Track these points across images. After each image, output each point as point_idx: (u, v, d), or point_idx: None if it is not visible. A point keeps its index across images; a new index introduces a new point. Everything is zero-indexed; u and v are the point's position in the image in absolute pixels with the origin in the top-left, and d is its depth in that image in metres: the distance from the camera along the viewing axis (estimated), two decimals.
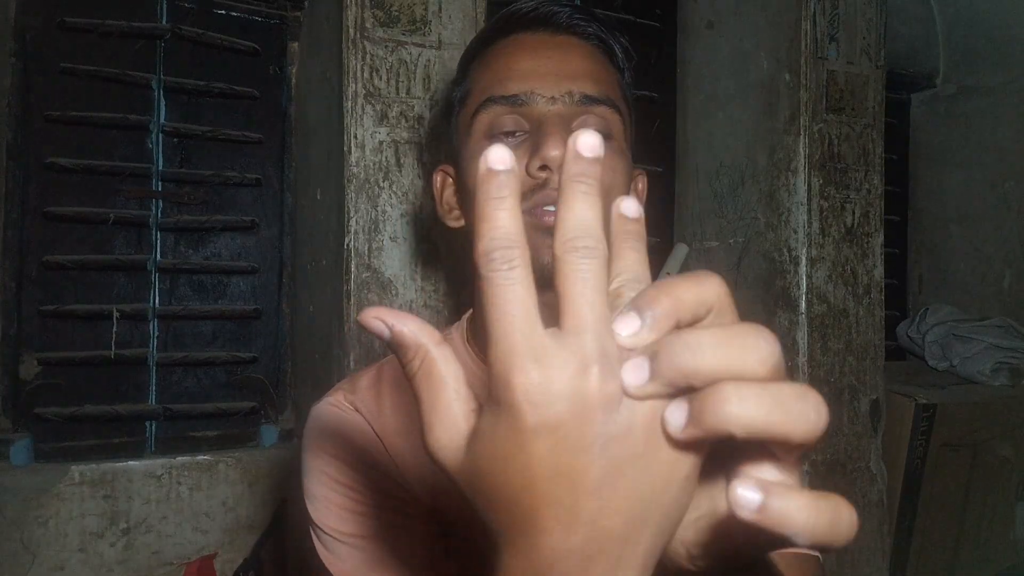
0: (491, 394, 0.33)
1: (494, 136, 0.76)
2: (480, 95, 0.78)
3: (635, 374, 0.31)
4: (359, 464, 0.76)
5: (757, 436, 0.30)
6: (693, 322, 0.32)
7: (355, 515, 0.74)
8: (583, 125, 0.75)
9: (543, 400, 0.31)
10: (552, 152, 0.70)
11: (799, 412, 0.30)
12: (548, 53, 0.77)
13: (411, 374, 0.36)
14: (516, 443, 0.32)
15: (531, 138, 0.74)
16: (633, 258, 0.34)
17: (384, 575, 0.72)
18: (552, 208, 0.71)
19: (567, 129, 0.73)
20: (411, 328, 0.36)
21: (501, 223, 0.32)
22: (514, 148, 0.74)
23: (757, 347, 0.30)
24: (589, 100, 0.76)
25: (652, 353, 0.31)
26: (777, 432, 0.30)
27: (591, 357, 0.31)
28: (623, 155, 0.78)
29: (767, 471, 0.33)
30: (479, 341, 0.82)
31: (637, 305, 0.32)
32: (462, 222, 0.85)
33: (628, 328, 0.31)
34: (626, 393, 0.31)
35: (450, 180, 0.87)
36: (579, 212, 0.33)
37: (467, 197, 0.80)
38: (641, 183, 0.88)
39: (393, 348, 0.37)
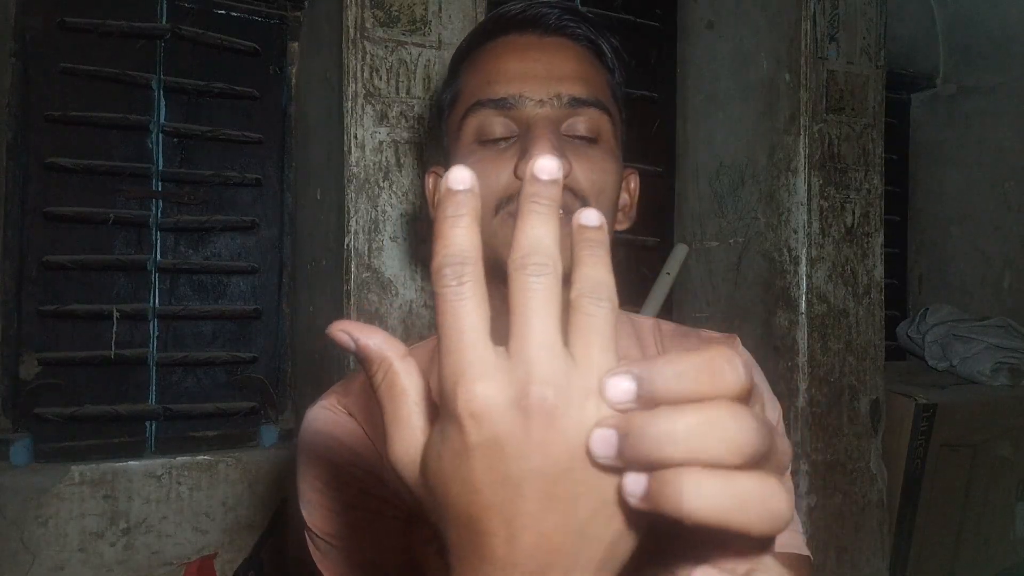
0: (440, 409, 0.33)
1: (483, 139, 0.76)
2: (469, 98, 0.78)
3: (602, 447, 0.31)
4: (350, 467, 0.76)
5: (712, 527, 0.29)
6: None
7: (345, 518, 0.74)
8: (572, 128, 0.76)
9: (485, 415, 0.31)
10: None
11: (761, 509, 0.29)
12: (536, 55, 0.77)
13: (375, 386, 0.37)
14: (460, 457, 0.32)
15: (520, 141, 0.74)
16: (592, 264, 0.34)
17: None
18: None
19: (556, 132, 0.74)
20: (376, 342, 0.36)
21: (454, 240, 0.33)
22: (503, 151, 0.75)
23: (733, 438, 0.29)
24: (577, 102, 0.76)
25: (623, 432, 0.30)
26: (734, 526, 0.29)
27: (534, 374, 0.31)
28: (613, 156, 0.78)
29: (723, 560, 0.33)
30: None
31: (640, 375, 0.31)
32: None
33: (619, 393, 0.31)
34: (590, 458, 0.31)
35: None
36: (532, 231, 0.33)
37: None
38: (633, 182, 0.88)
39: (359, 360, 0.37)
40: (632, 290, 1.91)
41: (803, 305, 1.73)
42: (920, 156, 2.53)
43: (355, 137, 1.34)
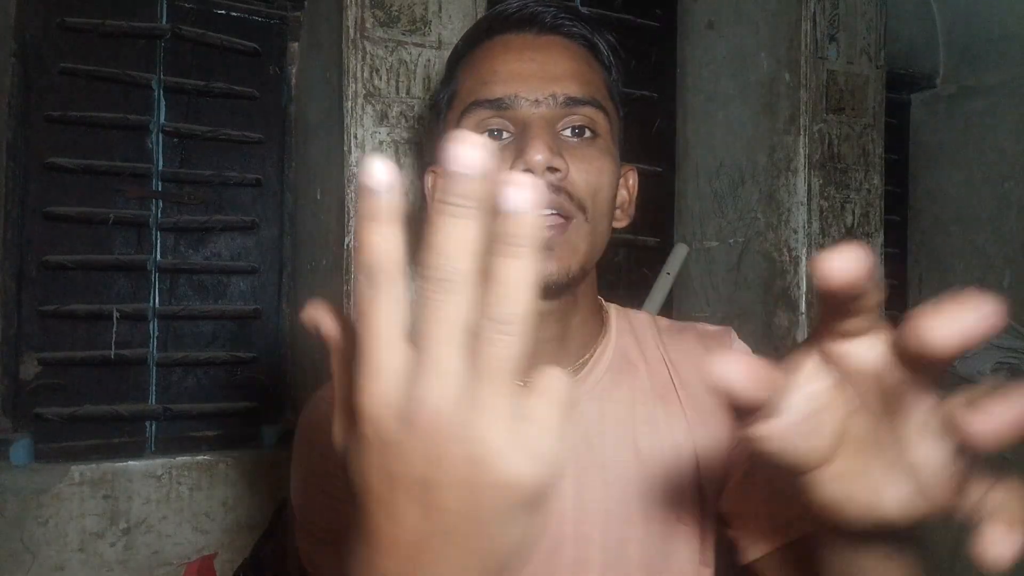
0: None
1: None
2: (465, 98, 0.79)
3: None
4: (330, 453, 0.77)
5: None
6: None
7: (331, 508, 0.75)
8: (568, 126, 0.76)
9: (376, 417, 0.33)
10: (535, 157, 0.72)
11: None
12: (532, 55, 0.78)
13: (333, 372, 0.39)
14: (360, 450, 0.35)
15: (516, 141, 0.75)
16: (509, 276, 0.31)
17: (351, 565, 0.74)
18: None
19: (551, 132, 0.74)
20: (334, 330, 0.39)
21: (371, 247, 0.33)
22: (500, 150, 0.75)
23: None
24: (573, 102, 0.76)
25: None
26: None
27: (425, 395, 0.32)
28: (610, 154, 0.78)
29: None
30: None
31: None
32: None
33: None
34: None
35: (440, 181, 0.88)
36: (442, 237, 0.32)
37: None
38: (632, 178, 0.88)
39: (325, 347, 0.40)
40: (632, 290, 1.91)
41: (803, 305, 1.73)
42: (920, 156, 2.53)
43: (355, 137, 1.34)
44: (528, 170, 0.72)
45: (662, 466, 0.79)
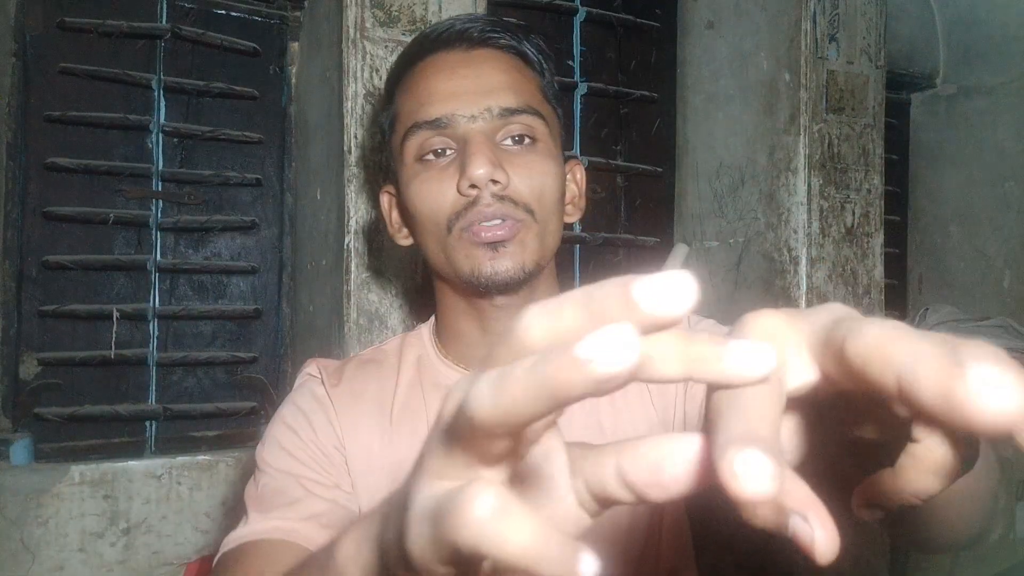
0: None
1: (424, 159, 0.81)
2: (406, 120, 0.83)
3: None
4: (307, 419, 0.86)
5: None
6: None
7: (287, 455, 0.83)
8: (507, 136, 0.81)
9: None
10: (476, 171, 0.76)
11: None
12: (464, 72, 0.81)
13: None
14: None
15: (459, 157, 0.79)
16: None
17: (282, 510, 0.79)
18: (487, 224, 0.78)
19: (489, 145, 0.78)
20: None
21: None
22: (444, 168, 0.80)
23: None
24: (508, 112, 0.80)
25: None
26: None
27: None
28: (551, 155, 0.83)
29: None
30: (443, 340, 0.90)
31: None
32: (411, 240, 0.89)
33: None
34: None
35: (396, 200, 0.91)
36: None
37: (409, 217, 0.86)
38: (579, 172, 0.93)
39: None
40: None
41: (803, 305, 1.72)
42: (920, 156, 2.53)
43: (355, 137, 1.34)
44: (473, 185, 0.77)
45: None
